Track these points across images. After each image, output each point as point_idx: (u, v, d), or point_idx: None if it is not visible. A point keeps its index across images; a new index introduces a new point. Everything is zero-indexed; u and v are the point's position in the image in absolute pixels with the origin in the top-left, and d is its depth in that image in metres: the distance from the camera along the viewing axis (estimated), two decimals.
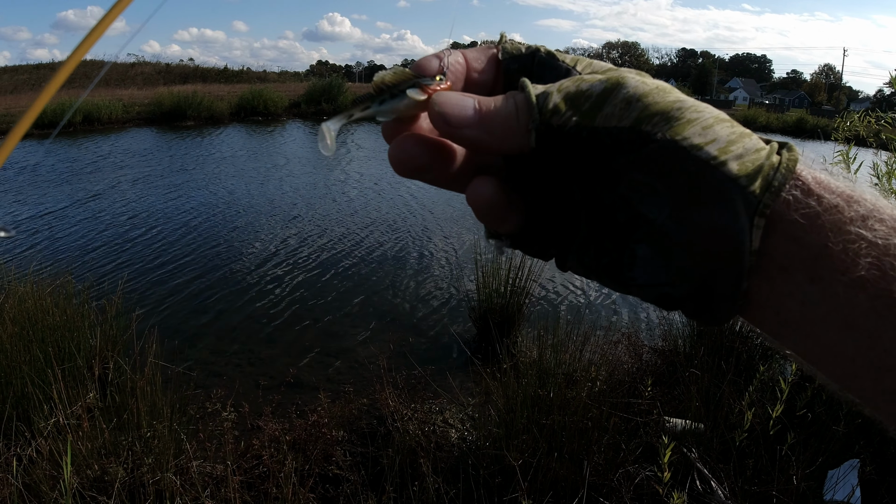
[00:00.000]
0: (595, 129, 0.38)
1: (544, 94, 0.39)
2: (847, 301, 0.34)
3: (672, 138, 0.36)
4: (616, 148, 0.37)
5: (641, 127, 0.37)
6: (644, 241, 0.38)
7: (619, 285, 0.41)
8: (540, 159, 0.40)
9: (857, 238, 0.34)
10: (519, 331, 5.21)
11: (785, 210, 0.36)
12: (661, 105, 0.37)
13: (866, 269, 0.33)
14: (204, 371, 4.71)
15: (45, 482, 2.72)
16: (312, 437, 3.47)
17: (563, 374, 3.57)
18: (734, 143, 0.36)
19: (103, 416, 3.28)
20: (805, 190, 0.36)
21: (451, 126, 0.40)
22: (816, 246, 0.35)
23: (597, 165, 0.38)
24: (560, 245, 0.43)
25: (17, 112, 23.93)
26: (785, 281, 0.36)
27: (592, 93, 0.38)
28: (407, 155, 0.42)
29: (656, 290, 0.39)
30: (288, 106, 30.10)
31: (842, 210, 0.35)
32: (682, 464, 2.83)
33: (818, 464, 2.78)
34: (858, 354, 0.34)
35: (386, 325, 5.97)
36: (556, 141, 0.39)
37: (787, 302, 0.36)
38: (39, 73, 45.58)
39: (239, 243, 8.66)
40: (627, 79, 0.39)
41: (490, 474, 3.07)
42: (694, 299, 0.38)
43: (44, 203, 10.95)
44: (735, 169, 0.35)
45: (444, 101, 0.40)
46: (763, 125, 37.52)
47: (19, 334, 3.66)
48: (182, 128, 24.14)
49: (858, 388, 0.36)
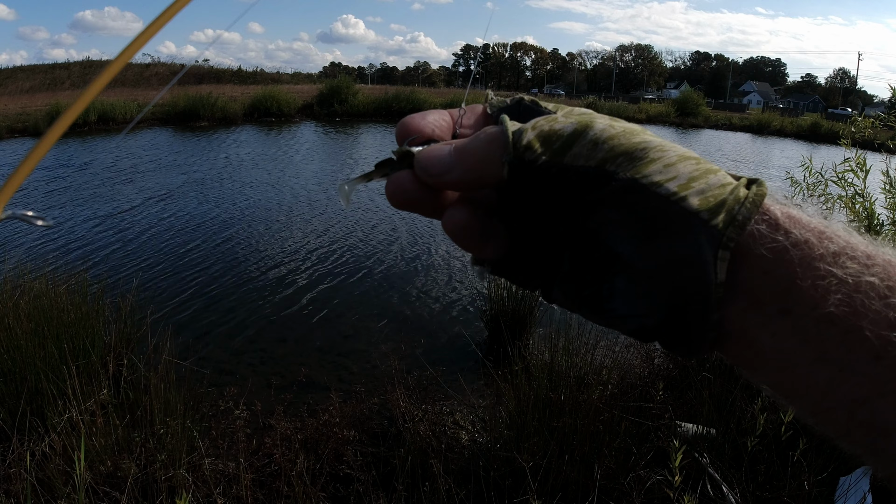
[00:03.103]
0: (564, 166, 0.39)
1: (519, 130, 0.41)
2: (817, 335, 0.34)
3: (633, 177, 0.38)
4: (582, 185, 0.39)
5: (606, 167, 0.39)
6: (621, 273, 0.39)
7: (599, 318, 0.42)
8: (514, 192, 0.42)
9: (826, 274, 0.35)
10: (530, 333, 5.20)
11: (752, 243, 0.36)
12: (626, 146, 0.39)
13: (836, 306, 0.34)
14: (217, 369, 4.74)
15: (58, 477, 2.75)
16: (324, 436, 3.48)
17: (574, 377, 3.56)
18: (696, 179, 0.38)
19: (117, 413, 3.31)
20: (772, 224, 0.37)
21: (434, 175, 0.42)
22: (786, 280, 0.35)
23: (567, 200, 0.40)
24: (544, 277, 0.44)
25: (32, 111, 24.16)
26: (757, 313, 0.36)
27: (563, 133, 0.40)
28: (402, 189, 0.44)
29: (634, 321, 0.39)
30: (301, 107, 30.24)
31: (812, 246, 0.36)
32: (693, 468, 2.81)
33: (830, 470, 2.76)
34: (830, 388, 0.35)
35: (397, 326, 5.98)
36: (527, 175, 0.40)
37: (759, 334, 0.37)
38: (55, 73, 46.05)
39: (253, 243, 8.71)
40: (596, 122, 0.40)
41: (500, 476, 3.07)
42: (668, 329, 0.38)
43: (57, 201, 11.05)
44: (696, 203, 0.37)
45: (423, 155, 0.43)
46: (777, 129, 37.25)
47: (34, 330, 3.69)
48: (196, 128, 24.31)
49: (832, 422, 0.36)
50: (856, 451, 0.36)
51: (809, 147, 25.36)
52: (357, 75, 65.21)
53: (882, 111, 4.73)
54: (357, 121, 29.01)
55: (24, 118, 22.98)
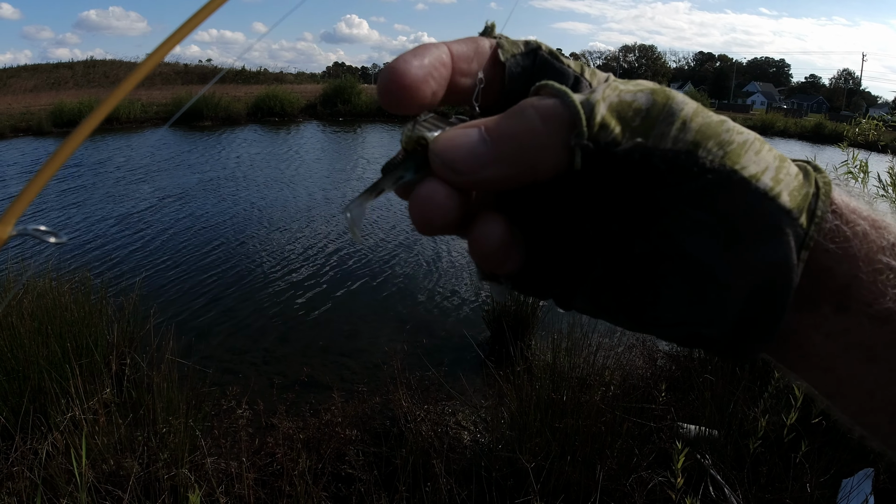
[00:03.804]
0: (649, 150, 0.31)
1: (588, 103, 0.31)
2: (871, 333, 0.32)
3: (731, 167, 0.31)
4: (670, 175, 0.31)
5: (698, 152, 0.31)
6: (675, 277, 0.33)
7: (637, 324, 0.36)
8: (567, 186, 0.33)
9: (885, 268, 0.32)
10: (533, 334, 5.20)
11: (821, 240, 0.33)
12: (714, 126, 0.32)
13: (894, 301, 0.32)
14: (219, 368, 4.74)
15: (60, 476, 2.75)
16: (326, 435, 3.49)
17: (576, 377, 3.56)
18: (780, 169, 0.33)
19: (119, 412, 3.31)
20: (839, 216, 0.33)
21: (465, 173, 0.32)
22: (847, 276, 0.33)
23: (639, 194, 0.32)
24: (565, 284, 0.36)
25: (36, 110, 24.22)
26: (811, 313, 0.33)
27: (641, 107, 0.32)
28: (438, 208, 0.32)
29: (685, 328, 0.34)
30: (304, 107, 30.23)
31: (870, 237, 0.33)
32: (695, 470, 2.81)
33: (832, 472, 2.75)
34: (878, 388, 0.33)
35: (400, 326, 5.98)
36: (600, 164, 0.32)
37: (811, 335, 0.34)
38: (59, 73, 46.05)
39: (256, 243, 8.71)
40: (675, 93, 0.33)
41: (502, 476, 3.07)
42: (728, 338, 0.33)
43: (60, 200, 11.07)
44: (787, 200, 0.32)
45: (442, 146, 0.32)
46: (781, 130, 37.15)
47: (38, 329, 3.70)
48: (200, 128, 24.31)
49: (873, 423, 0.35)
50: (890, 453, 0.35)
51: (814, 148, 25.34)
52: (360, 75, 65.28)
53: (886, 112, 4.74)
54: (360, 121, 28.98)
55: (28, 117, 23.02)
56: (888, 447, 0.35)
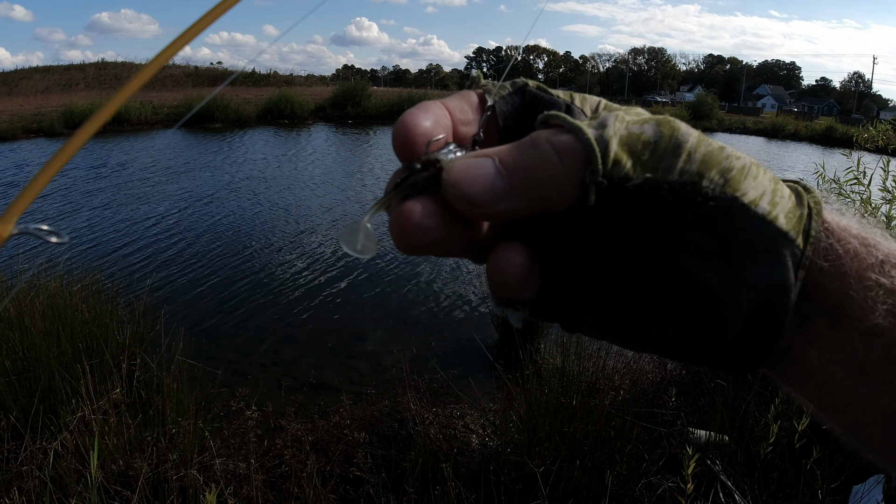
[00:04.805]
0: (657, 185, 0.32)
1: (602, 140, 0.32)
2: (862, 348, 0.33)
3: (732, 194, 0.33)
4: (676, 204, 0.32)
5: (702, 182, 0.32)
6: (679, 299, 0.34)
7: (643, 345, 0.37)
8: (578, 216, 0.34)
9: (875, 285, 0.34)
10: (542, 337, 5.19)
11: (816, 259, 0.34)
12: (716, 156, 0.33)
13: (883, 317, 0.33)
14: (229, 370, 4.76)
15: (70, 476, 2.77)
16: (334, 438, 3.49)
17: (586, 381, 3.55)
18: (776, 192, 0.34)
19: (129, 412, 3.33)
20: (831, 234, 0.35)
21: (481, 205, 0.32)
22: (839, 293, 0.34)
23: (645, 221, 0.33)
24: (576, 308, 0.37)
25: (47, 112, 24.40)
26: (806, 329, 0.35)
27: (649, 140, 0.33)
28: (419, 229, 0.33)
29: (689, 347, 0.35)
30: (314, 109, 30.34)
31: (860, 255, 0.34)
32: (705, 476, 2.80)
33: (843, 479, 2.74)
34: (870, 402, 0.34)
35: (408, 328, 5.99)
36: (612, 197, 0.33)
37: (806, 350, 0.35)
38: (70, 74, 46.47)
39: (266, 246, 8.75)
40: (679, 124, 0.34)
41: (511, 480, 3.06)
42: (730, 355, 0.35)
43: (72, 202, 11.14)
44: (784, 223, 0.33)
45: (458, 175, 0.33)
46: (791, 132, 37.02)
47: (49, 330, 3.73)
48: (210, 130, 24.46)
49: (866, 436, 0.36)
50: (886, 466, 0.36)
51: (824, 151, 25.22)
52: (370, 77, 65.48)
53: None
54: (369, 123, 29.07)
55: (40, 118, 23.22)
56: (882, 459, 0.36)
